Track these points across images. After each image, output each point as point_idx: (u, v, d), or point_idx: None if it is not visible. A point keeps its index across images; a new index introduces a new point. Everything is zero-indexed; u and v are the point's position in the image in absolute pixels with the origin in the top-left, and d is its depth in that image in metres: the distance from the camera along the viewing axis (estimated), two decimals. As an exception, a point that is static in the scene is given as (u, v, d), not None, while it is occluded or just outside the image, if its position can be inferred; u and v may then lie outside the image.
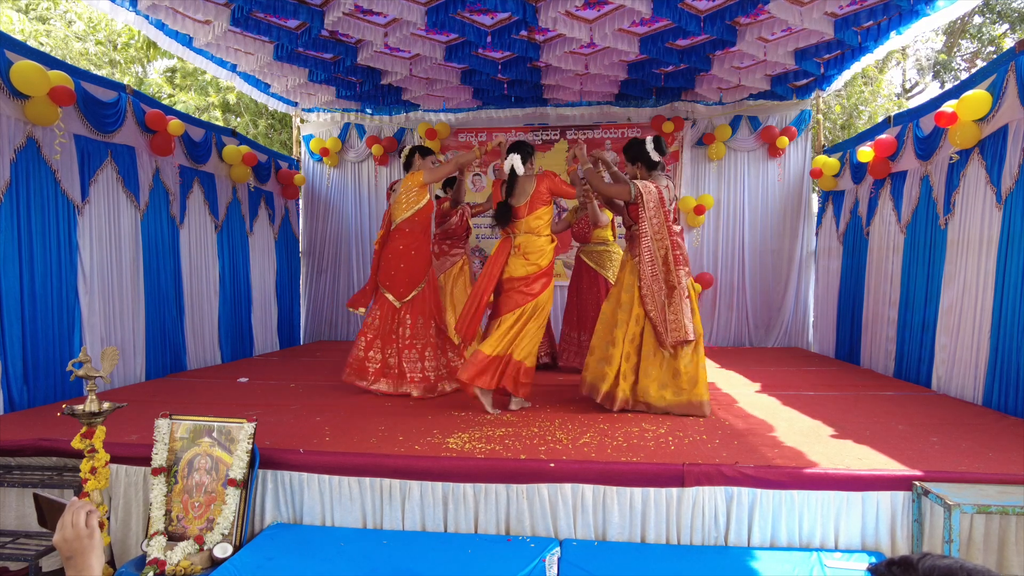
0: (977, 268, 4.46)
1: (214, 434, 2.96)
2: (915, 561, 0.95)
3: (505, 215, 4.19)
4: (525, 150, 4.26)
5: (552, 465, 2.92)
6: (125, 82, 5.75)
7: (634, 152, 4.22)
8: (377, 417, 3.90)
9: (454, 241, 5.99)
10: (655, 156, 4.13)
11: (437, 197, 5.97)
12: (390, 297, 4.70)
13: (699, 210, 7.86)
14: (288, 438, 3.34)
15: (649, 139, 4.16)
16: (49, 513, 2.48)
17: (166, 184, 5.71)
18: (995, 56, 5.81)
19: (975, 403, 4.36)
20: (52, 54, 6.24)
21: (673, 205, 4.10)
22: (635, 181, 4.07)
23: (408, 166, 4.97)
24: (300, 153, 8.64)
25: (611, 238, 5.88)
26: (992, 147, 4.30)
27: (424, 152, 4.93)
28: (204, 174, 6.29)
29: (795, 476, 2.81)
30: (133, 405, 3.61)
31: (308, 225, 8.76)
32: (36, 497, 2.56)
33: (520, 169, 4.18)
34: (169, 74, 12.69)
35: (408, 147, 5.06)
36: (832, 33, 5.57)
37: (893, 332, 5.65)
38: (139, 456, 3.06)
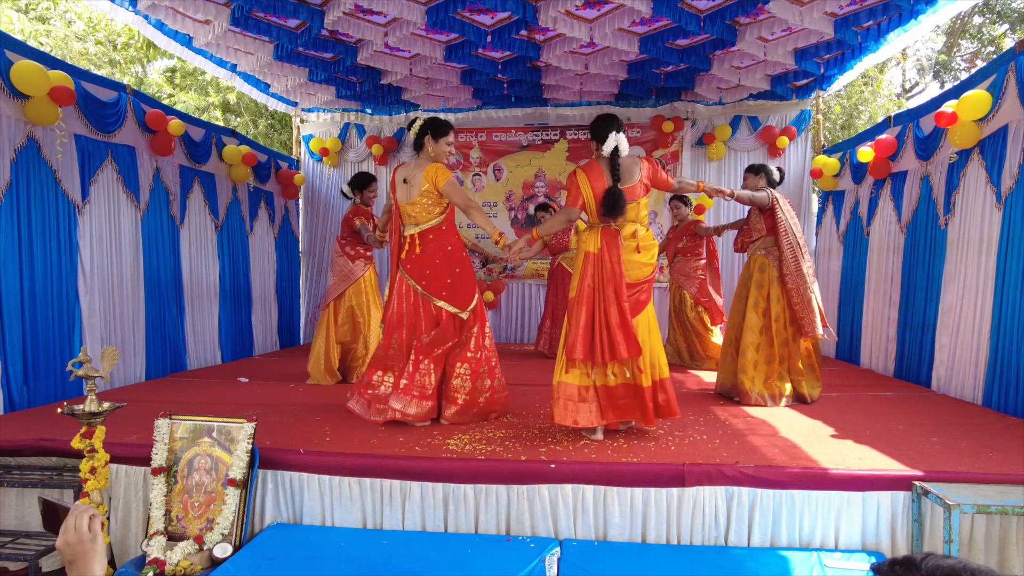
0: (977, 268, 4.46)
1: (214, 434, 2.96)
2: (918, 561, 0.95)
3: (619, 202, 3.37)
4: (619, 124, 3.53)
5: (553, 466, 2.91)
6: (125, 82, 5.75)
7: (757, 168, 4.73)
8: (377, 417, 3.90)
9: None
10: (776, 177, 4.67)
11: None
12: (452, 309, 3.81)
13: (699, 210, 7.85)
14: (288, 438, 3.33)
15: (774, 167, 4.71)
16: (56, 516, 2.48)
17: (166, 184, 5.71)
18: (995, 56, 5.81)
19: (975, 403, 4.36)
20: (52, 54, 6.24)
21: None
22: (768, 189, 4.55)
23: (419, 147, 3.86)
24: (300, 153, 8.64)
25: None
26: (992, 147, 4.30)
27: (437, 132, 3.80)
28: (204, 174, 6.29)
29: (795, 476, 2.81)
30: (133, 405, 3.61)
31: (308, 225, 8.76)
32: (42, 501, 2.56)
33: (625, 149, 3.50)
34: (169, 74, 12.70)
35: (420, 120, 3.85)
36: (832, 33, 5.57)
37: (893, 332, 5.65)
38: (139, 456, 3.05)
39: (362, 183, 5.47)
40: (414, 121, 3.87)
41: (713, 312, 6.17)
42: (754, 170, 4.73)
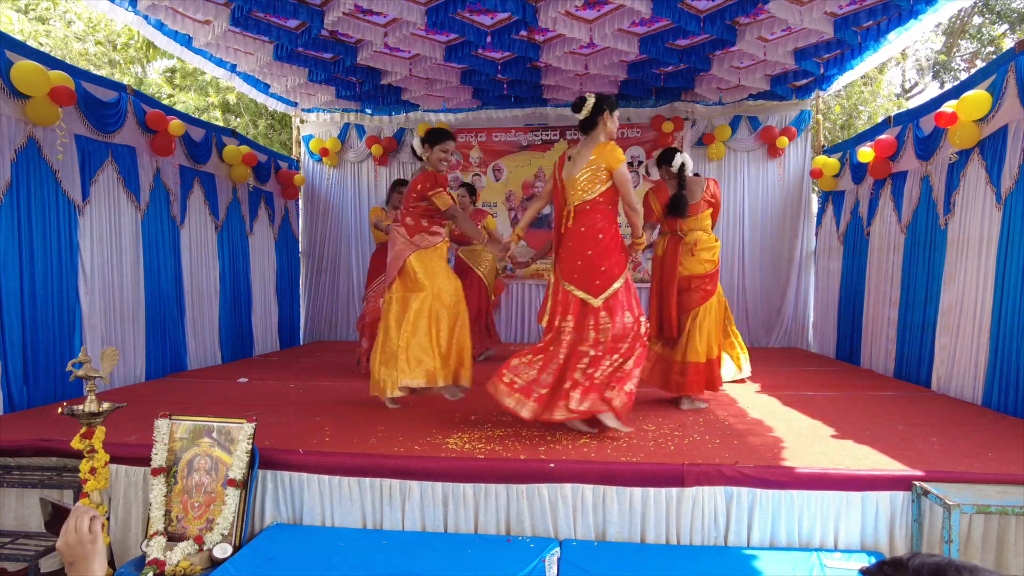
0: (977, 268, 4.46)
1: (214, 434, 2.96)
2: (905, 560, 0.96)
3: (680, 204, 4.20)
4: (679, 150, 4.43)
5: (552, 465, 2.91)
6: (125, 82, 5.75)
7: (659, 161, 4.55)
8: (377, 417, 3.90)
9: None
10: (675, 168, 4.38)
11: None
12: (580, 294, 3.53)
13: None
14: (288, 438, 3.34)
15: (678, 160, 4.40)
16: (60, 518, 2.48)
17: (166, 184, 5.71)
18: (995, 56, 5.81)
19: (975, 403, 4.36)
20: (52, 54, 6.25)
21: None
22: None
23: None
24: (300, 153, 8.65)
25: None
26: (992, 147, 4.30)
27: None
28: (204, 174, 6.29)
29: (795, 476, 2.81)
30: (133, 405, 3.61)
31: (308, 225, 8.77)
32: (44, 501, 2.56)
33: (690, 168, 4.36)
34: (169, 74, 12.69)
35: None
36: (832, 32, 5.57)
37: (893, 332, 5.65)
38: (139, 456, 3.05)
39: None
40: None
41: None
42: (658, 163, 4.54)
